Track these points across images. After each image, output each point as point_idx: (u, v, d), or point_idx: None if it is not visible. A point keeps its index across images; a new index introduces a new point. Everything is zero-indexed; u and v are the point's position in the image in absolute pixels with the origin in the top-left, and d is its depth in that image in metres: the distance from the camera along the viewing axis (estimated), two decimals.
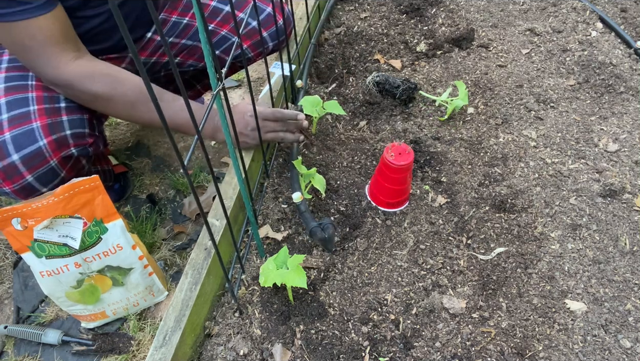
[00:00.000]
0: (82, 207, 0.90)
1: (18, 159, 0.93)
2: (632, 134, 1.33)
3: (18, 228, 0.87)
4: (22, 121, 0.95)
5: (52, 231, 0.89)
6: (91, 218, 0.92)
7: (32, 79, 1.02)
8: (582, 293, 1.02)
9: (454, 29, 1.71)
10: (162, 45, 1.26)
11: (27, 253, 0.92)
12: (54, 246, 0.92)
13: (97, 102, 1.00)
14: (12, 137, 0.93)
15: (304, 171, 1.11)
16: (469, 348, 0.94)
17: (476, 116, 1.43)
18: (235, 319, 1.00)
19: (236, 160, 0.85)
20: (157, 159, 1.55)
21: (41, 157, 0.96)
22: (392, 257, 1.09)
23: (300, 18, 1.59)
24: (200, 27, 0.62)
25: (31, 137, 0.94)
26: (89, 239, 0.94)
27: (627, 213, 1.15)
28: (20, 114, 0.95)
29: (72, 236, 0.91)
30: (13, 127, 0.94)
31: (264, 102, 1.33)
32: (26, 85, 1.00)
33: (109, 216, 0.94)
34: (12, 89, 0.98)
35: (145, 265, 1.05)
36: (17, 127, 0.94)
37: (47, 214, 0.87)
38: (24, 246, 0.91)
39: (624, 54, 1.56)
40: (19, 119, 0.95)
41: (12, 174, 0.95)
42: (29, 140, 0.94)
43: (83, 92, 0.98)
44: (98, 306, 1.06)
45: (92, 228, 0.93)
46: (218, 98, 0.72)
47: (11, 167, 0.94)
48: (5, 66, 1.02)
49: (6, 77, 1.00)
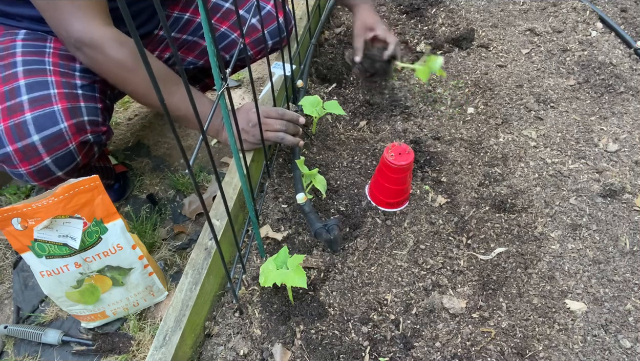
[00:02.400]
0: (82, 207, 0.89)
1: (38, 139, 0.93)
2: (632, 134, 1.33)
3: (18, 227, 0.87)
4: (43, 103, 0.95)
5: (52, 231, 0.89)
6: (91, 218, 0.92)
7: (49, 64, 1.01)
8: (582, 293, 1.02)
9: (454, 29, 1.71)
10: (164, 40, 1.26)
11: (27, 252, 0.92)
12: (54, 246, 0.92)
13: (120, 71, 0.98)
14: (34, 117, 0.93)
15: (305, 171, 1.11)
16: (469, 348, 0.94)
17: (476, 116, 1.43)
18: (235, 319, 1.00)
19: (238, 160, 0.85)
20: (157, 159, 1.55)
21: (61, 139, 0.96)
22: (392, 257, 1.09)
23: (301, 18, 1.59)
24: (205, 28, 0.62)
25: (53, 119, 0.94)
26: (89, 239, 0.94)
27: (627, 213, 1.15)
28: (40, 96, 0.95)
29: (72, 236, 0.91)
30: (34, 109, 0.94)
31: (265, 102, 1.33)
32: (44, 69, 1.00)
33: (109, 216, 0.94)
34: (31, 72, 0.98)
35: (145, 265, 1.05)
36: (39, 109, 0.94)
37: (47, 214, 0.87)
38: (24, 246, 0.91)
39: (624, 54, 1.56)
40: (40, 100, 0.95)
41: (30, 155, 0.94)
42: (50, 122, 0.94)
43: (109, 57, 0.95)
44: (98, 306, 1.06)
45: (92, 228, 0.93)
46: (222, 98, 0.72)
47: (30, 148, 0.93)
48: (21, 50, 1.02)
49: (24, 60, 1.00)
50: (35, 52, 1.02)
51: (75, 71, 1.06)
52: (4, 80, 0.97)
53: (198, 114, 0.63)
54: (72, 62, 1.06)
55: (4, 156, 0.94)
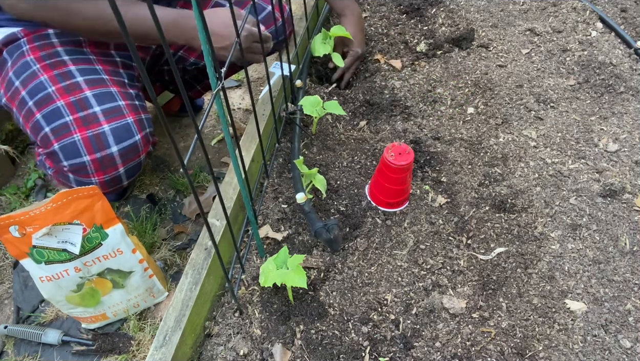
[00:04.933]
0: (81, 213, 0.89)
1: (117, 151, 0.96)
2: (632, 134, 1.33)
3: (16, 235, 0.86)
4: (117, 115, 0.97)
5: (51, 237, 0.88)
6: (91, 223, 0.91)
7: (103, 72, 1.03)
8: (582, 293, 1.02)
9: (454, 29, 1.71)
10: None
11: (26, 259, 0.91)
12: (53, 252, 0.91)
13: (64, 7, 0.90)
14: (112, 129, 0.96)
15: (305, 171, 1.11)
16: (469, 348, 0.94)
17: (476, 116, 1.43)
18: (235, 319, 1.00)
19: (236, 160, 0.85)
20: (157, 159, 1.55)
21: (136, 151, 1.00)
22: (392, 257, 1.09)
23: (300, 18, 1.59)
24: (199, 25, 0.62)
25: (129, 132, 0.98)
26: (89, 244, 0.93)
27: (627, 213, 1.15)
28: (112, 108, 0.97)
29: (71, 241, 0.90)
30: (111, 120, 0.96)
31: (265, 102, 1.33)
32: (103, 79, 1.01)
33: (108, 221, 0.93)
34: (93, 82, 0.99)
35: (146, 268, 1.05)
36: (115, 121, 0.96)
37: (45, 221, 0.85)
38: (22, 253, 0.89)
39: (624, 54, 1.56)
40: (113, 112, 0.97)
41: (107, 165, 0.97)
42: (127, 134, 0.97)
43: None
44: (98, 308, 1.06)
45: (92, 233, 0.92)
46: (218, 98, 0.71)
47: (108, 158, 0.97)
48: (69, 57, 1.01)
49: (79, 69, 1.00)
50: (83, 59, 1.03)
51: (124, 78, 1.08)
52: (66, 90, 0.97)
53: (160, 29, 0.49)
54: (115, 67, 1.07)
55: (79, 165, 0.96)
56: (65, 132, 0.95)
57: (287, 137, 1.35)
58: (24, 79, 1.00)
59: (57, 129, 0.96)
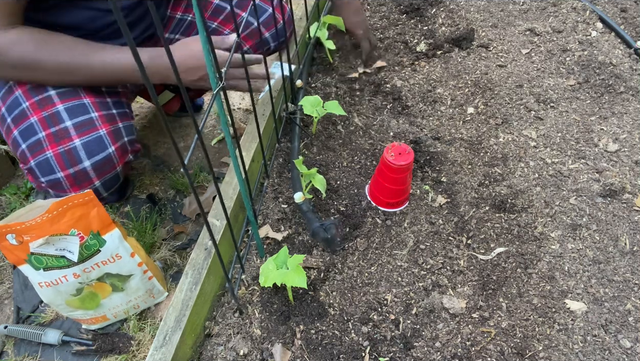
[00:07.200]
0: (77, 221, 0.87)
1: (89, 165, 0.96)
2: (632, 134, 1.33)
3: (13, 242, 0.85)
4: (89, 128, 0.96)
5: (49, 246, 0.87)
6: (87, 231, 0.90)
7: None
8: (582, 293, 1.02)
9: (454, 29, 1.71)
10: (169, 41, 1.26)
11: (25, 265, 0.90)
12: (52, 258, 0.89)
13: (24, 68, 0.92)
14: (83, 144, 0.95)
15: (304, 170, 1.11)
16: (469, 348, 0.94)
17: (476, 116, 1.43)
18: (235, 319, 1.00)
19: (236, 160, 0.85)
20: (157, 159, 1.55)
21: (110, 163, 0.99)
22: (392, 257, 1.09)
23: (300, 18, 1.59)
24: (199, 26, 0.62)
25: (101, 145, 0.97)
26: (87, 251, 0.92)
27: (627, 213, 1.15)
28: (84, 120, 0.97)
29: (69, 250, 0.89)
30: (82, 135, 0.95)
31: (265, 102, 1.33)
32: (77, 90, 1.00)
33: (105, 227, 0.92)
34: (65, 95, 0.98)
35: (145, 270, 1.04)
36: (86, 135, 0.96)
37: (42, 231, 0.84)
38: (20, 259, 0.89)
39: (624, 54, 1.56)
40: (85, 125, 0.96)
41: (81, 180, 0.97)
42: (99, 147, 0.97)
43: (8, 59, 0.89)
44: (98, 310, 1.06)
45: (90, 241, 0.91)
46: (218, 98, 0.71)
47: (82, 173, 0.96)
48: None
49: None
50: None
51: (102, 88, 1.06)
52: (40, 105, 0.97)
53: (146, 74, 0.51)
54: None
55: (54, 182, 0.96)
56: (39, 150, 0.95)
57: (287, 137, 1.35)
58: (3, 95, 1.00)
59: (32, 146, 0.96)
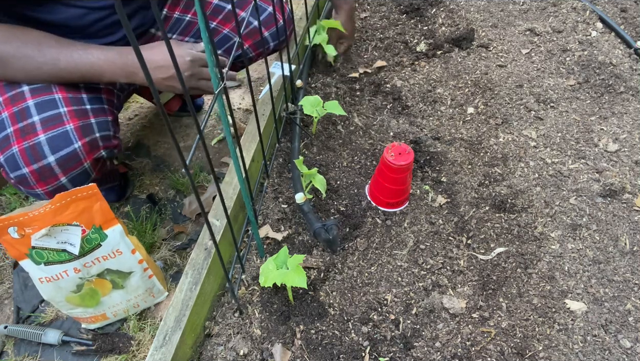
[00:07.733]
0: (80, 214, 0.88)
1: (54, 160, 0.94)
2: (632, 134, 1.33)
3: (15, 236, 0.86)
4: (56, 123, 0.95)
5: (50, 238, 0.88)
6: (90, 225, 0.91)
7: None
8: (582, 293, 1.02)
9: (454, 29, 1.71)
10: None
11: (25, 260, 0.91)
12: (53, 253, 0.90)
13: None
14: (48, 139, 0.94)
15: (305, 171, 1.11)
16: (469, 348, 0.94)
17: (476, 116, 1.43)
18: (235, 319, 1.00)
19: (236, 160, 0.85)
20: (157, 159, 1.55)
21: (76, 159, 0.97)
22: (392, 257, 1.09)
23: (300, 18, 1.59)
24: (201, 26, 0.62)
25: (67, 140, 0.95)
26: (88, 245, 0.93)
27: (627, 213, 1.15)
28: (51, 116, 0.96)
29: (70, 242, 0.90)
30: (47, 130, 0.94)
31: (265, 102, 1.33)
32: (49, 86, 1.00)
33: (107, 222, 0.93)
34: (37, 90, 0.98)
35: (145, 268, 1.05)
36: (52, 130, 0.95)
37: (44, 222, 0.85)
38: (21, 254, 0.89)
39: (624, 54, 1.56)
40: (52, 120, 0.95)
41: (46, 176, 0.95)
42: (64, 142, 0.95)
43: None
44: (98, 308, 1.06)
45: (91, 235, 0.92)
46: (219, 98, 0.71)
47: (46, 169, 0.95)
48: None
49: None
50: None
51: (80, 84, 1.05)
52: (12, 100, 0.96)
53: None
54: None
55: (20, 178, 0.95)
56: (6, 145, 0.95)
57: (287, 137, 1.35)
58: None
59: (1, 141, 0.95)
